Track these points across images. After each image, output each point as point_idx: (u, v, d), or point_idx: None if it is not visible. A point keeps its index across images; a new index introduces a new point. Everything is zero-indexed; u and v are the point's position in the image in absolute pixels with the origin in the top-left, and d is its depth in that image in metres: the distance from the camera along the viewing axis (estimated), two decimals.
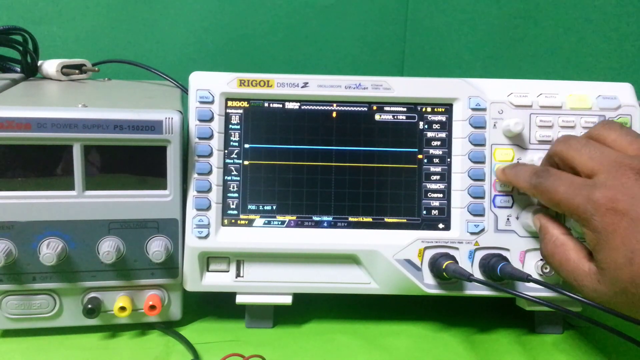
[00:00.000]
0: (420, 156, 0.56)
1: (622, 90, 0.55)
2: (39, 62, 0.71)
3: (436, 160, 0.56)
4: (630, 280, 0.40)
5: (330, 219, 0.55)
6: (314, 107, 0.55)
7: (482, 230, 0.54)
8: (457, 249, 0.54)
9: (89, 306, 0.52)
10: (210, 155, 0.54)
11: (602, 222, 0.41)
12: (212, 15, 0.86)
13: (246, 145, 0.55)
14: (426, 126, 0.56)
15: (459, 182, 0.55)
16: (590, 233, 0.43)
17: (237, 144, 0.55)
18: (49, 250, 0.49)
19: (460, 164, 0.55)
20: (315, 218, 0.55)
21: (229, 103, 0.55)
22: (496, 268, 0.51)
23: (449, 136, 0.56)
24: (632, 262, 0.40)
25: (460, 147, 0.55)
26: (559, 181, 0.46)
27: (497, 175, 0.54)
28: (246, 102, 0.55)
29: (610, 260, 0.41)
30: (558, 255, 0.47)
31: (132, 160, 0.51)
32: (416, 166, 0.56)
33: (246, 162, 0.55)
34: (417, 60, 0.90)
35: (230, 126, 0.55)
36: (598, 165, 0.44)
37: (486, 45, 0.89)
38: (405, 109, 0.56)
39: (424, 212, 0.56)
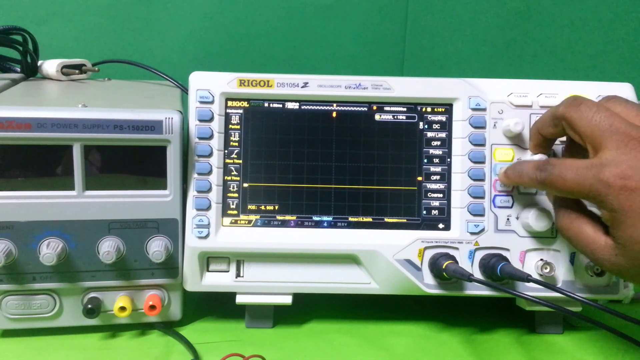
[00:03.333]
0: (420, 167, 0.56)
1: (622, 90, 0.55)
2: (39, 62, 0.71)
3: (436, 160, 0.56)
4: None
5: (330, 219, 0.55)
6: (314, 107, 0.55)
7: (482, 230, 0.54)
8: (457, 249, 0.54)
9: (89, 306, 0.52)
10: (210, 155, 0.54)
11: (617, 200, 0.42)
12: (212, 15, 0.86)
13: (246, 145, 0.55)
14: (426, 126, 0.56)
15: (459, 182, 0.55)
16: (606, 212, 0.43)
17: (237, 144, 0.55)
18: (49, 250, 0.49)
19: (460, 164, 0.55)
20: (315, 218, 0.55)
21: (229, 103, 0.55)
22: (496, 268, 0.51)
23: (449, 136, 0.56)
24: None
25: (460, 147, 0.55)
26: (565, 169, 0.45)
27: (501, 179, 0.54)
28: (246, 102, 0.55)
29: (628, 237, 0.42)
30: (573, 229, 0.47)
31: (132, 160, 0.51)
32: (416, 166, 0.56)
33: (246, 163, 0.55)
34: (417, 60, 0.89)
35: (230, 126, 0.55)
36: (607, 138, 0.43)
37: (486, 45, 0.89)
38: (405, 109, 0.56)
39: (424, 212, 0.56)
